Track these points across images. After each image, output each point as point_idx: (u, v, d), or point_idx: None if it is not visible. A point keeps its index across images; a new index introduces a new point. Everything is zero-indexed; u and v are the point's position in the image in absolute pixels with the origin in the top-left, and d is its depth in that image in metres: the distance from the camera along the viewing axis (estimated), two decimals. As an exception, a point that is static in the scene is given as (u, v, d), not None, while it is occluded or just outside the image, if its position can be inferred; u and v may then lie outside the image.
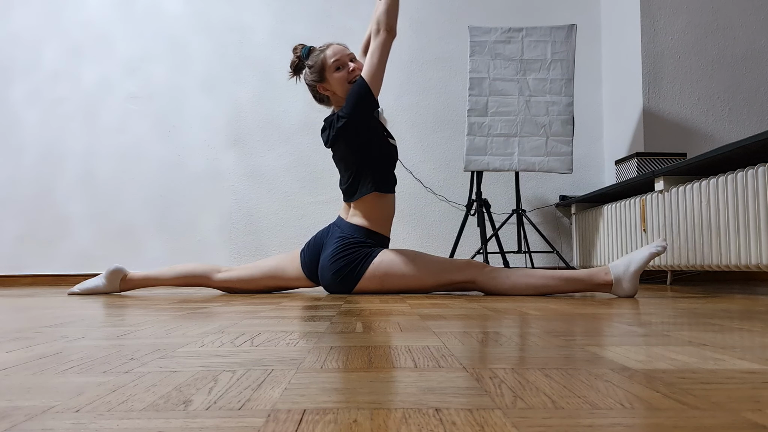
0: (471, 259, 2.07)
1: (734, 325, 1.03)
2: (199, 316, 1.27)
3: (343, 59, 2.12)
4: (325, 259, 2.10)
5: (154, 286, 2.31)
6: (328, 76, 2.13)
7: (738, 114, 3.38)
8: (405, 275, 1.99)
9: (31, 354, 0.76)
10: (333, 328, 1.01)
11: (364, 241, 2.09)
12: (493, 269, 1.95)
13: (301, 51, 2.19)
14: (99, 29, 3.97)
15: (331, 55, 2.11)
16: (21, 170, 3.92)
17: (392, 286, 2.03)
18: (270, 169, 3.89)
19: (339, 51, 2.13)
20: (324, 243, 2.16)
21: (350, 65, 2.12)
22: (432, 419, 0.43)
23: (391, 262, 2.01)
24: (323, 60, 2.12)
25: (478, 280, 1.94)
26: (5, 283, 3.85)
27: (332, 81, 2.13)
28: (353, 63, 2.14)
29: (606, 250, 3.20)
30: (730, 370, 0.61)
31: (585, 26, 3.90)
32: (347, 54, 2.14)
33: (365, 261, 2.03)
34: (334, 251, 2.07)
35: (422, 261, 2.01)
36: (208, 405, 0.48)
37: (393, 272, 2.00)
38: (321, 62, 2.13)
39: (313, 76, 2.16)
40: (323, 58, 2.12)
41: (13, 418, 0.44)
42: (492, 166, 3.22)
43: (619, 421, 0.42)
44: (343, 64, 2.12)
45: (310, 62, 2.16)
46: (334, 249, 2.08)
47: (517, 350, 0.75)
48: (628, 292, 1.79)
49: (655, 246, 1.76)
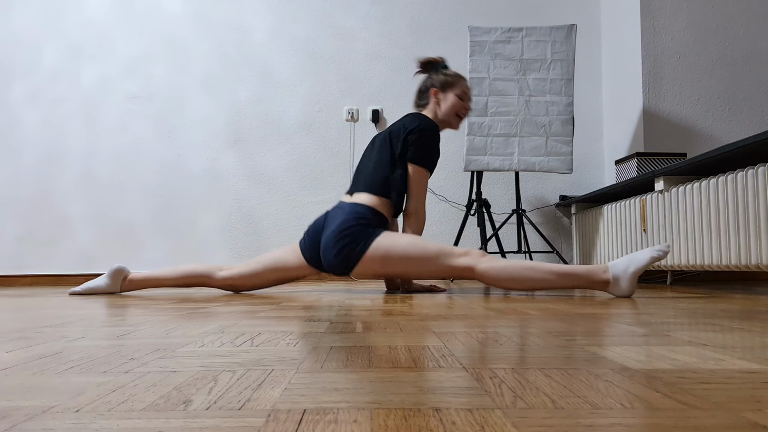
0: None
1: (734, 325, 1.03)
2: (199, 316, 1.27)
3: (467, 97, 2.31)
4: (328, 237, 2.10)
5: (156, 286, 2.31)
6: (450, 93, 2.29)
7: (738, 114, 3.38)
8: (406, 257, 2.00)
9: (31, 354, 0.76)
10: (333, 328, 1.01)
11: (369, 218, 2.11)
12: (492, 259, 1.94)
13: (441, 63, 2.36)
14: (99, 29, 3.97)
15: (462, 86, 2.30)
16: (21, 170, 3.92)
17: (392, 269, 2.03)
18: (270, 169, 3.89)
19: (468, 88, 2.33)
20: (325, 225, 2.18)
21: (466, 105, 2.31)
22: (432, 419, 0.43)
23: (392, 243, 2.02)
24: (458, 82, 2.30)
25: (476, 268, 1.93)
26: (5, 283, 3.85)
27: (448, 99, 2.29)
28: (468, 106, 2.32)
29: (606, 250, 3.20)
30: (730, 370, 0.61)
31: (585, 26, 3.90)
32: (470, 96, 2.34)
33: (368, 240, 2.04)
34: (338, 227, 2.08)
35: (423, 244, 2.01)
36: (208, 405, 0.48)
37: (394, 253, 2.01)
38: (454, 81, 2.30)
39: (439, 80, 2.30)
40: (459, 81, 2.30)
41: (14, 418, 0.44)
42: (492, 166, 3.22)
43: (619, 421, 0.42)
44: (465, 98, 2.30)
45: (447, 72, 2.32)
46: (339, 224, 2.09)
47: (517, 350, 0.75)
48: (624, 293, 1.79)
49: (657, 250, 1.76)
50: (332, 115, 3.90)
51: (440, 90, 2.30)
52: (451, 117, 2.29)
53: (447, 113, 2.29)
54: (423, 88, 2.35)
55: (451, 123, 2.31)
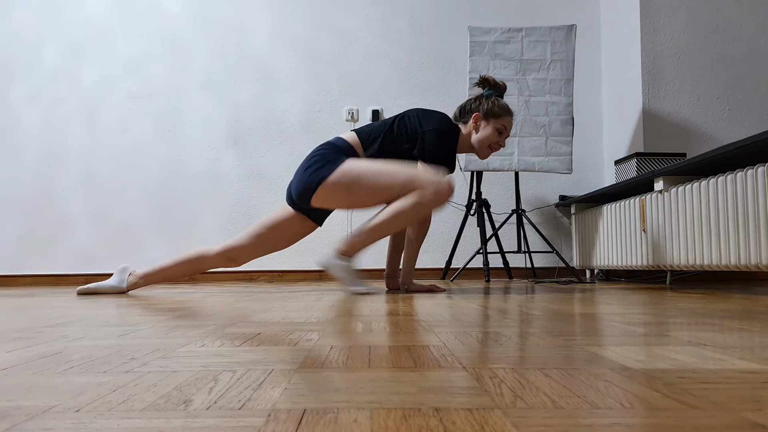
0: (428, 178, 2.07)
1: (734, 325, 1.03)
2: (200, 316, 1.27)
3: (505, 133, 2.24)
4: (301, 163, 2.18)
5: (161, 280, 2.31)
6: (488, 123, 2.22)
7: (738, 114, 3.38)
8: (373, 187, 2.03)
9: (31, 354, 0.76)
10: (333, 328, 1.01)
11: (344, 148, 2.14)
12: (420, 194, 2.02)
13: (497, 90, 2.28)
14: (99, 29, 3.97)
15: (505, 122, 2.22)
16: (21, 170, 3.92)
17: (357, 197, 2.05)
18: (270, 169, 3.89)
19: (511, 125, 2.26)
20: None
21: (501, 140, 2.24)
22: (432, 419, 0.43)
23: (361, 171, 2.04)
24: (504, 116, 2.22)
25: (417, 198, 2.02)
26: (5, 283, 3.85)
27: (484, 129, 2.22)
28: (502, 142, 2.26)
29: (606, 250, 3.20)
30: (730, 370, 0.61)
31: (585, 26, 3.90)
32: (509, 134, 2.27)
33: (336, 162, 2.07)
34: (312, 151, 2.17)
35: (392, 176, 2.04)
36: (208, 405, 0.48)
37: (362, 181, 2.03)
38: (500, 113, 2.22)
39: (486, 108, 2.22)
40: (505, 116, 2.22)
41: (14, 418, 0.44)
42: (492, 166, 3.22)
43: (619, 421, 0.42)
44: (500, 133, 2.23)
45: (498, 102, 2.23)
46: (313, 150, 2.18)
47: (517, 350, 0.75)
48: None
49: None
50: (332, 116, 3.90)
51: (483, 118, 2.23)
52: (483, 147, 2.24)
53: (479, 142, 2.23)
54: (468, 108, 2.28)
55: (479, 152, 2.25)
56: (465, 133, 2.26)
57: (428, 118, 2.17)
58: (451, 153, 2.17)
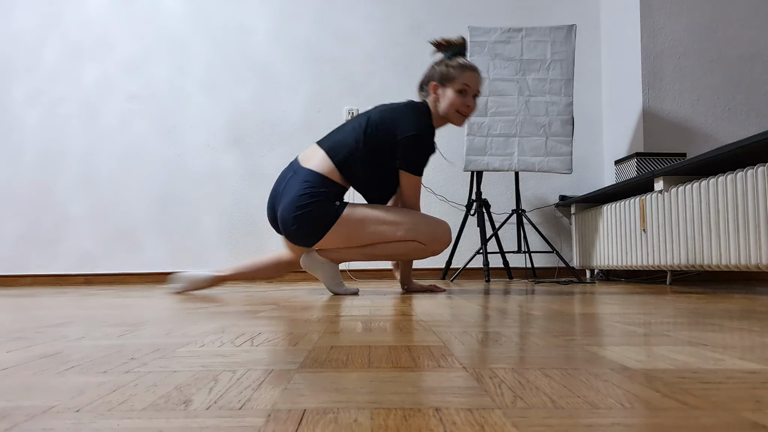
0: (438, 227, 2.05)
1: (734, 325, 1.03)
2: (199, 316, 1.27)
3: (471, 90, 2.08)
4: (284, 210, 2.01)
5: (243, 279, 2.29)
6: (446, 88, 2.07)
7: (738, 114, 3.38)
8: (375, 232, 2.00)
9: (31, 354, 0.76)
10: (333, 328, 1.01)
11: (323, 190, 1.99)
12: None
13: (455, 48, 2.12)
14: (99, 29, 3.97)
15: (465, 80, 2.06)
16: (21, 170, 3.92)
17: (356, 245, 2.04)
18: (270, 169, 3.89)
19: (474, 80, 2.07)
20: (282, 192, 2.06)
21: (470, 99, 2.08)
22: (432, 419, 0.43)
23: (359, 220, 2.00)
24: (460, 75, 2.06)
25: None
26: (5, 283, 3.85)
27: (447, 94, 2.07)
28: (473, 100, 2.10)
29: (606, 250, 3.20)
30: (730, 370, 0.61)
31: (585, 26, 3.90)
32: (477, 89, 2.09)
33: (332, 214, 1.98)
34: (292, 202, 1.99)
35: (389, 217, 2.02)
36: (208, 405, 0.48)
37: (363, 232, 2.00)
38: (455, 74, 2.06)
39: (440, 73, 2.09)
40: (462, 74, 2.06)
41: (14, 418, 0.44)
42: (492, 166, 3.22)
43: (619, 421, 0.42)
44: (464, 92, 2.07)
45: (451, 62, 2.08)
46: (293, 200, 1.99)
47: (517, 350, 0.75)
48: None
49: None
50: (332, 116, 3.90)
51: (439, 84, 2.08)
52: (451, 115, 2.08)
53: (445, 111, 2.08)
54: (425, 80, 2.14)
55: (451, 120, 2.10)
56: (432, 107, 2.11)
57: (401, 120, 2.01)
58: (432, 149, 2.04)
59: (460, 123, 2.11)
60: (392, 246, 2.03)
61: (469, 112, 2.10)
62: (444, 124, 2.16)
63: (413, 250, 2.04)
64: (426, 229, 2.02)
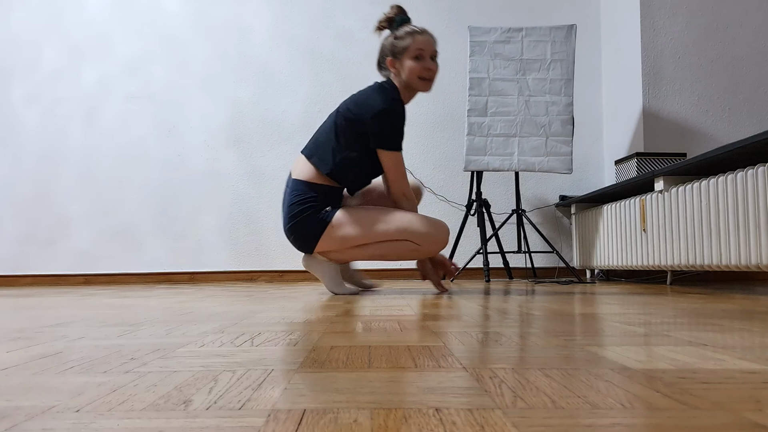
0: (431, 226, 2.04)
1: (734, 325, 1.03)
2: (199, 316, 1.27)
3: (426, 53, 2.04)
4: (284, 220, 2.09)
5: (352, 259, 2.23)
6: (401, 60, 2.05)
7: (738, 114, 3.38)
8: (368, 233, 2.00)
9: (31, 354, 0.76)
10: (333, 328, 1.01)
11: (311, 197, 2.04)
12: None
13: (397, 18, 2.10)
14: (99, 29, 3.97)
15: (416, 45, 2.03)
16: (21, 170, 3.92)
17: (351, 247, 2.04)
18: (270, 169, 3.89)
19: (427, 43, 2.05)
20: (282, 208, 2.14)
21: (428, 62, 2.05)
22: (432, 419, 0.43)
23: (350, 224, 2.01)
24: (410, 42, 2.04)
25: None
26: (5, 283, 3.85)
27: (404, 65, 2.05)
28: (433, 62, 2.07)
29: (606, 250, 3.20)
30: (730, 370, 0.61)
31: (585, 26, 3.90)
32: (433, 51, 2.06)
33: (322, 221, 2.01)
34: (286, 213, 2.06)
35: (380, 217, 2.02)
36: (208, 405, 0.48)
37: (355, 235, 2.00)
38: (403, 44, 2.05)
39: (390, 47, 2.08)
40: (411, 40, 2.04)
41: (14, 418, 0.44)
42: (492, 166, 3.22)
43: (619, 421, 0.42)
44: (420, 57, 2.04)
45: (398, 34, 2.07)
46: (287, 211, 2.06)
47: (517, 350, 0.75)
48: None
49: None
50: (332, 115, 3.90)
51: (394, 58, 2.06)
52: (414, 83, 2.05)
53: (408, 81, 2.05)
54: (380, 58, 2.12)
55: (417, 88, 2.07)
56: (397, 82, 2.09)
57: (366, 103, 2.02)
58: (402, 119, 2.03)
59: (426, 88, 2.07)
60: (385, 246, 2.03)
61: (432, 75, 2.06)
62: (413, 95, 2.13)
63: (407, 251, 2.04)
64: (420, 229, 2.01)
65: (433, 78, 2.06)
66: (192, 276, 3.82)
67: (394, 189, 2.08)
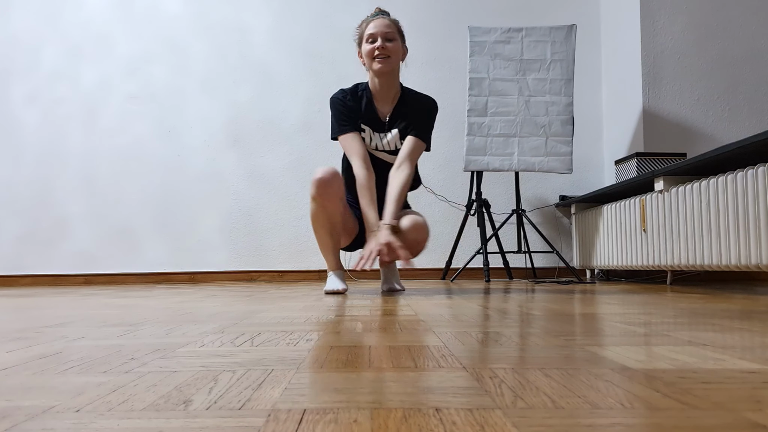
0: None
1: (734, 325, 1.03)
2: (199, 316, 1.27)
3: (376, 35, 2.07)
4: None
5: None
6: (362, 46, 2.12)
7: (738, 114, 3.38)
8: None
9: (31, 354, 0.76)
10: (333, 328, 1.01)
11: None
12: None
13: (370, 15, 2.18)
14: (99, 29, 3.97)
15: (371, 27, 2.09)
16: (21, 170, 3.92)
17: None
18: (270, 169, 3.89)
19: (377, 25, 2.09)
20: None
21: (378, 43, 2.06)
22: (432, 419, 0.43)
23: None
24: (361, 31, 2.13)
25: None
26: (5, 283, 3.85)
27: (363, 52, 2.12)
28: (389, 43, 2.08)
29: (606, 250, 3.20)
30: (731, 370, 0.61)
31: (585, 26, 3.90)
32: (384, 32, 2.08)
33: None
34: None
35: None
36: (208, 405, 0.48)
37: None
38: (359, 33, 2.14)
39: (356, 41, 2.17)
40: (362, 30, 2.13)
41: (14, 418, 0.44)
42: (492, 166, 3.22)
43: (619, 421, 0.42)
44: (374, 39, 2.07)
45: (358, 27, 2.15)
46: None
47: (517, 350, 0.75)
48: None
49: None
50: (332, 115, 3.90)
51: (358, 48, 2.16)
52: (370, 65, 2.10)
53: (368, 66, 2.12)
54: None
55: (374, 71, 2.10)
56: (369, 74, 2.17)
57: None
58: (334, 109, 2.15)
59: (382, 69, 2.07)
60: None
61: (382, 53, 2.07)
62: (383, 79, 2.12)
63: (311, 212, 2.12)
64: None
65: (383, 56, 2.07)
66: (192, 276, 3.82)
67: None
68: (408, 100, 2.17)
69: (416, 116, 2.15)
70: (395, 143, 2.17)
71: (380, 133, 2.17)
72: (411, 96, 2.18)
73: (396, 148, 2.18)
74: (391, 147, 2.18)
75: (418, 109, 2.16)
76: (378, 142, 2.18)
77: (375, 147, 2.18)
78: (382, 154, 2.19)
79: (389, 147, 2.18)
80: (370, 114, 2.15)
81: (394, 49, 2.09)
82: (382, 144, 2.18)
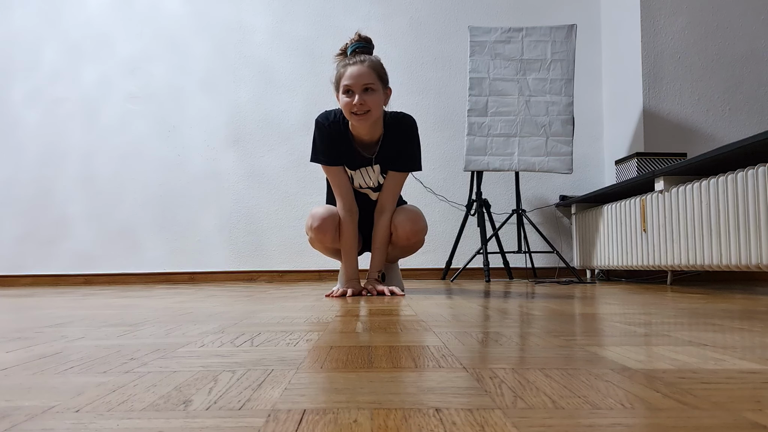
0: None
1: (734, 325, 1.03)
2: (199, 316, 1.27)
3: (354, 86, 1.85)
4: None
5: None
6: (337, 93, 1.92)
7: (738, 114, 3.38)
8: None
9: (31, 354, 0.76)
10: (333, 328, 1.01)
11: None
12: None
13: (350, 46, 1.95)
14: (99, 29, 3.97)
15: (347, 77, 1.86)
16: (21, 170, 3.92)
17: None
18: (270, 169, 3.89)
19: (354, 77, 1.85)
20: None
21: (356, 99, 1.84)
22: (432, 419, 0.43)
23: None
24: (338, 77, 1.90)
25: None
26: (5, 283, 3.85)
27: (340, 101, 1.91)
28: (366, 96, 1.85)
29: (606, 250, 3.20)
30: (731, 370, 0.61)
31: (585, 26, 3.90)
32: (362, 84, 1.85)
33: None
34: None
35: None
36: (208, 405, 0.48)
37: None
38: (336, 77, 1.92)
39: (334, 81, 1.96)
40: (339, 76, 1.90)
41: (14, 418, 0.44)
42: (492, 166, 3.22)
43: (620, 421, 0.42)
44: (352, 92, 1.86)
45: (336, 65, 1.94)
46: None
47: (517, 350, 0.75)
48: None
49: None
50: (332, 115, 3.89)
51: (335, 91, 1.93)
52: (349, 117, 1.90)
53: (346, 116, 1.92)
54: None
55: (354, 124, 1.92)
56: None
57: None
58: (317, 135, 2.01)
59: (361, 124, 1.90)
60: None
61: (360, 109, 1.85)
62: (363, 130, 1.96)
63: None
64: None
65: (362, 112, 1.86)
66: (192, 276, 3.82)
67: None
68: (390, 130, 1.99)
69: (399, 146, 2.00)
70: (377, 180, 2.06)
71: (363, 167, 2.04)
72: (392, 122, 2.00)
73: (379, 184, 2.07)
74: (373, 184, 2.07)
75: (400, 138, 2.00)
76: (361, 181, 2.07)
77: (359, 186, 2.09)
78: (366, 190, 2.11)
79: (372, 184, 2.08)
80: (353, 153, 2.01)
81: (374, 102, 1.86)
82: (365, 182, 2.07)
